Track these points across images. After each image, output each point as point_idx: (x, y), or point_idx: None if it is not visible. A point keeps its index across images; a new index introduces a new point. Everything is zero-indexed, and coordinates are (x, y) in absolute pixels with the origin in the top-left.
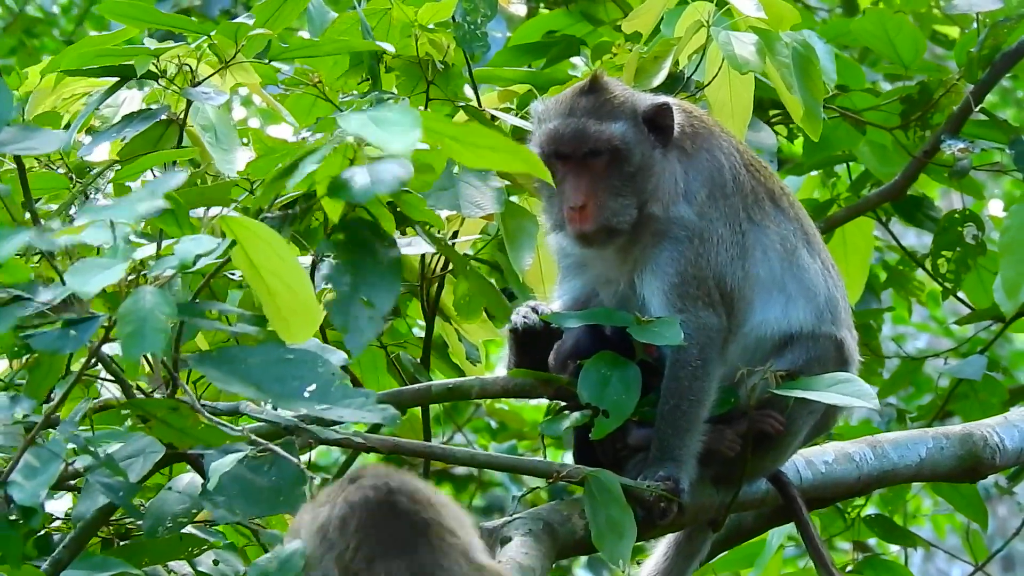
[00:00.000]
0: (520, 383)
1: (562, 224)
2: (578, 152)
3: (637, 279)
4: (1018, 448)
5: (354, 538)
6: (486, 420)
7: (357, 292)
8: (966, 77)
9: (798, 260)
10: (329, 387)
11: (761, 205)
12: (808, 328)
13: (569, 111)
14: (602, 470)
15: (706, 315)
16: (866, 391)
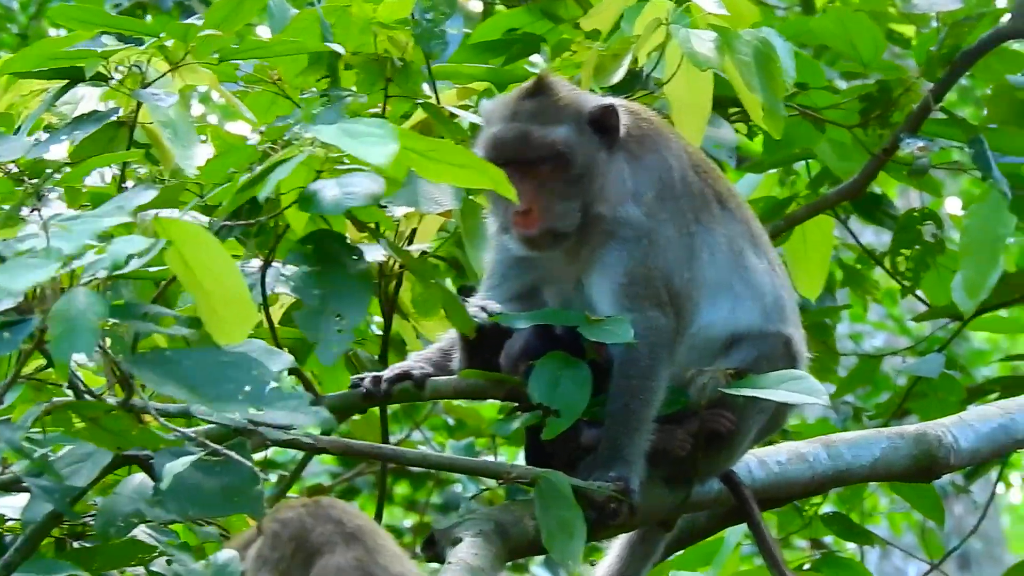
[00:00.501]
0: (472, 384)
1: (508, 227)
2: (522, 157)
3: (585, 279)
4: (973, 448)
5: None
6: (444, 418)
7: (327, 305)
8: (925, 76)
9: (745, 261)
10: (263, 389)
11: (709, 207)
12: (756, 327)
13: (512, 115)
14: (552, 471)
15: (655, 315)
16: (817, 388)
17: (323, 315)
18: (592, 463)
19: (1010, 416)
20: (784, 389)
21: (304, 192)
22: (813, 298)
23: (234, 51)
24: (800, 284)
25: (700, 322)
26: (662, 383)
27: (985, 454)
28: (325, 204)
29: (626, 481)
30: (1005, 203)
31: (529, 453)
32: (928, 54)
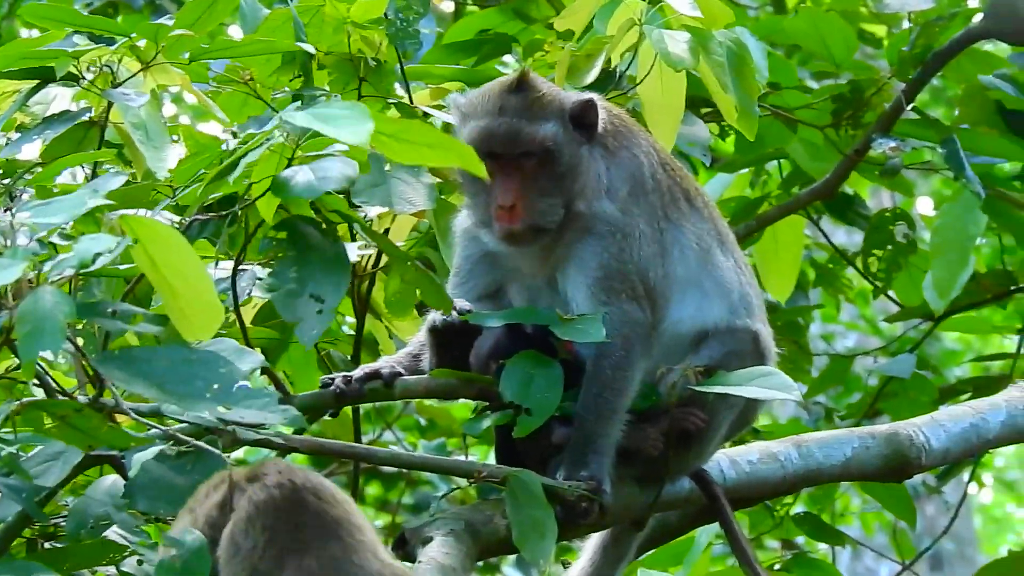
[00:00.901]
0: (443, 383)
1: (488, 221)
2: (510, 152)
3: (559, 275)
4: (944, 448)
5: (262, 537)
6: (415, 418)
7: (305, 287)
8: (897, 76)
9: (713, 259)
10: (231, 387)
11: (677, 204)
12: (723, 323)
13: (499, 110)
14: (523, 470)
15: (631, 308)
16: (788, 383)
17: (301, 297)
18: (564, 457)
19: (981, 416)
20: (755, 385)
21: (277, 178)
22: (783, 299)
23: (205, 51)
24: (771, 284)
25: (669, 319)
26: (636, 375)
27: (957, 454)
28: (298, 188)
29: (598, 480)
30: (977, 203)
31: (500, 452)
32: (900, 54)
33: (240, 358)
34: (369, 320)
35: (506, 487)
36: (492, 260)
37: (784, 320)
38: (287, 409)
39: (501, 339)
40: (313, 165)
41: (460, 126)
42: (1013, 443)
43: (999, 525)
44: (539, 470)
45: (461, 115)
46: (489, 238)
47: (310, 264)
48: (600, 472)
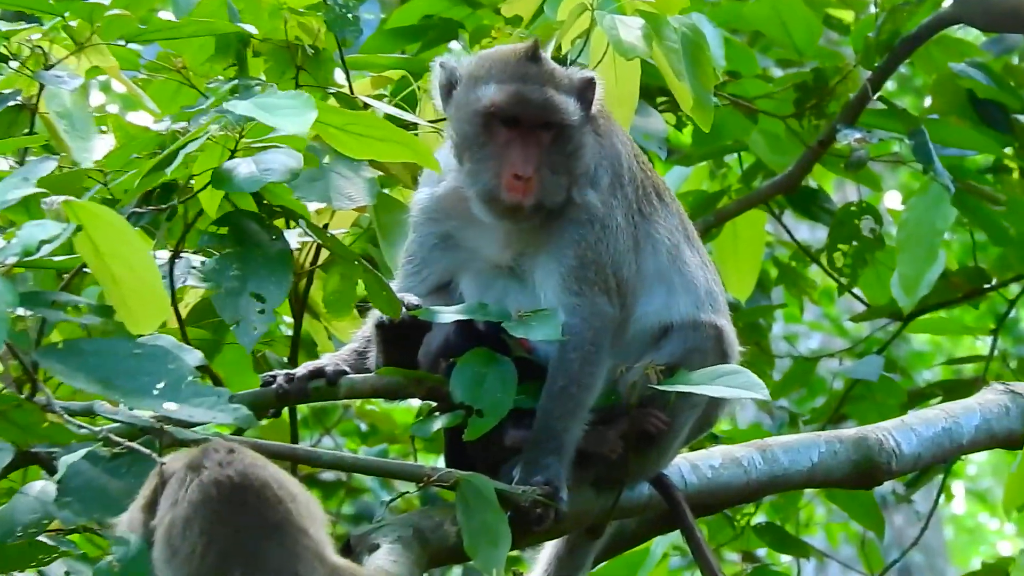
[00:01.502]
0: (390, 382)
1: (495, 190)
2: (535, 121)
3: (529, 260)
4: (915, 453)
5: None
6: (356, 423)
7: (246, 285)
8: (863, 64)
9: (681, 255)
10: (180, 385)
11: (650, 199)
12: (687, 318)
13: (524, 76)
14: (475, 474)
15: (602, 301)
16: (754, 382)
17: (242, 295)
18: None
19: (954, 420)
20: (719, 384)
21: (219, 170)
22: (744, 298)
23: (141, 32)
24: (731, 283)
25: (635, 314)
26: (603, 371)
27: (928, 459)
28: (241, 181)
29: (554, 485)
30: (946, 197)
31: (449, 456)
32: (866, 41)
33: (180, 354)
34: (307, 320)
35: (456, 492)
36: (450, 244)
37: (745, 321)
38: (238, 408)
39: (451, 336)
40: (256, 157)
41: (467, 89)
42: (987, 448)
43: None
44: (490, 475)
45: (469, 78)
46: (484, 208)
47: (252, 261)
48: (556, 476)
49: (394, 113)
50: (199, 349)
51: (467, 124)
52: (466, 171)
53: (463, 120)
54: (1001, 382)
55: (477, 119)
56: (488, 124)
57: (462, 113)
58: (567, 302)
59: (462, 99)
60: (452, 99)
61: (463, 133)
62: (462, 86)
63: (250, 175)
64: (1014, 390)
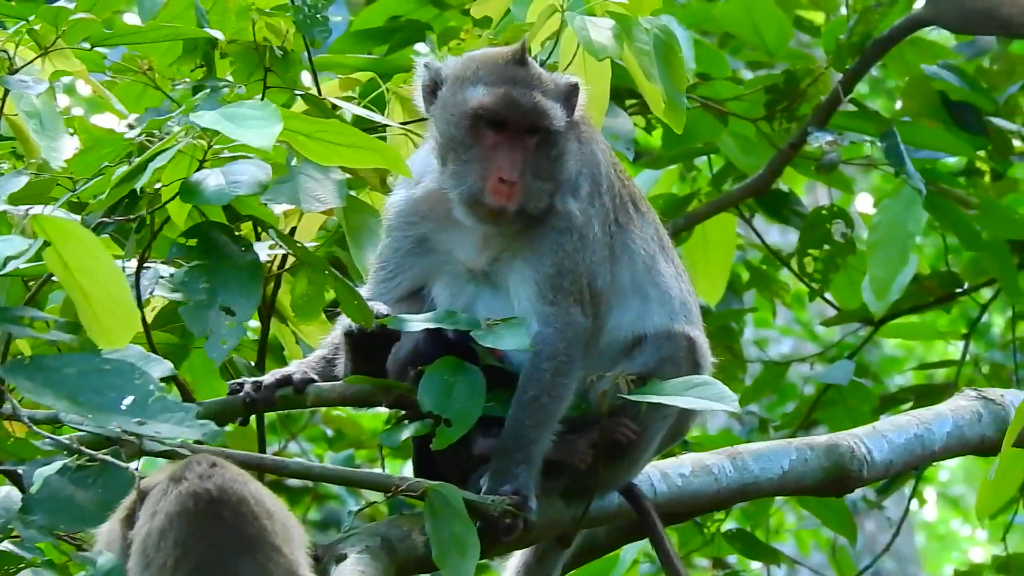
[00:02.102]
0: (359, 390)
1: (479, 193)
2: (523, 124)
3: (504, 265)
4: (887, 460)
5: (173, 555)
6: (322, 428)
7: (215, 298)
8: (834, 66)
9: (657, 265)
10: (147, 400)
11: (626, 208)
12: (661, 328)
13: (513, 79)
14: (444, 483)
15: (575, 312)
16: (725, 394)
17: (212, 309)
18: (488, 468)
19: (926, 426)
20: (691, 395)
21: (187, 183)
22: (714, 302)
23: (106, 36)
24: (701, 287)
25: (608, 325)
26: (574, 382)
27: (900, 466)
28: (209, 194)
29: (523, 494)
30: (918, 199)
31: (417, 465)
32: (837, 42)
33: (148, 365)
34: (274, 324)
35: (425, 501)
36: (425, 248)
37: (716, 325)
38: (205, 424)
39: (421, 344)
40: (225, 168)
41: (454, 90)
42: (959, 455)
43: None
44: (458, 484)
45: (455, 79)
46: (466, 211)
47: (221, 274)
48: (525, 485)
49: (363, 115)
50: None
51: (453, 126)
52: (449, 173)
53: (449, 121)
54: (973, 388)
55: (464, 121)
56: (475, 126)
57: (448, 114)
58: (541, 311)
59: (448, 100)
60: (437, 100)
61: (448, 134)
62: (448, 87)
63: (218, 188)
64: (986, 396)
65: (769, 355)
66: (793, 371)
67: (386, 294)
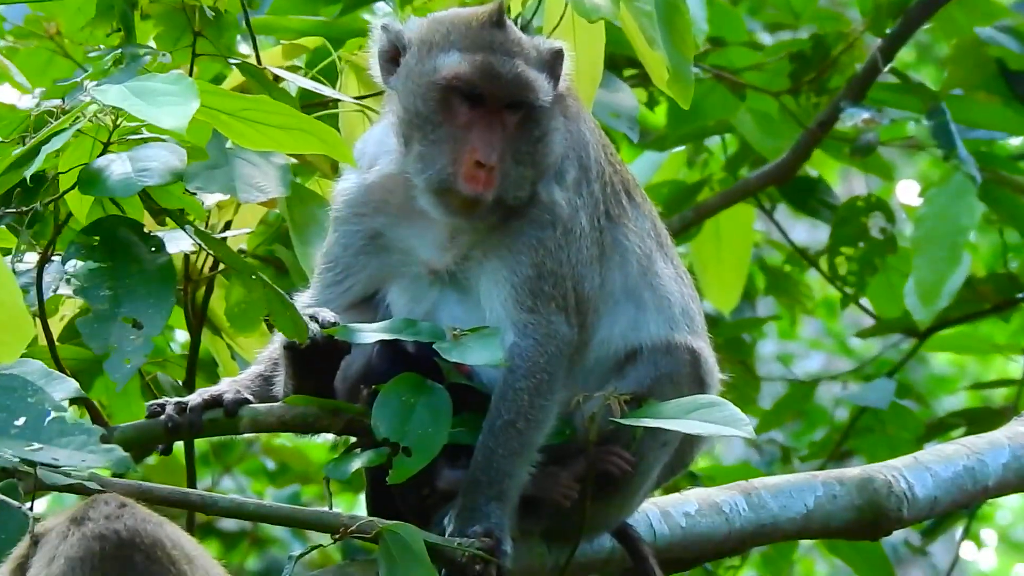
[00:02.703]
0: (301, 413)
1: (449, 180)
2: (503, 98)
3: (475, 266)
4: (931, 497)
5: None
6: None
7: (119, 308)
8: (872, 29)
9: (654, 266)
10: (42, 421)
11: (619, 198)
12: (659, 340)
13: (491, 45)
14: (402, 523)
15: (558, 320)
16: (736, 416)
17: (114, 320)
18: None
19: (978, 457)
20: (695, 418)
21: (87, 170)
22: (728, 309)
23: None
24: (711, 292)
25: (597, 337)
26: (555, 405)
27: (947, 504)
28: (114, 184)
29: (496, 536)
30: (972, 188)
31: (371, 502)
32: (876, 1)
33: (50, 384)
34: (206, 335)
35: (380, 544)
36: (379, 245)
37: (727, 336)
38: (111, 449)
39: (374, 359)
40: (132, 153)
41: (420, 58)
42: (1018, 491)
43: None
44: (419, 524)
45: (422, 44)
46: (433, 200)
47: (127, 279)
48: (498, 526)
49: (310, 87)
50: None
51: (419, 99)
52: (414, 155)
53: (414, 93)
54: None
55: (433, 93)
56: (446, 100)
57: (413, 85)
58: (518, 319)
59: (414, 69)
60: (399, 69)
61: (413, 109)
62: (412, 54)
63: (124, 177)
64: None
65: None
66: (822, 391)
67: (334, 299)
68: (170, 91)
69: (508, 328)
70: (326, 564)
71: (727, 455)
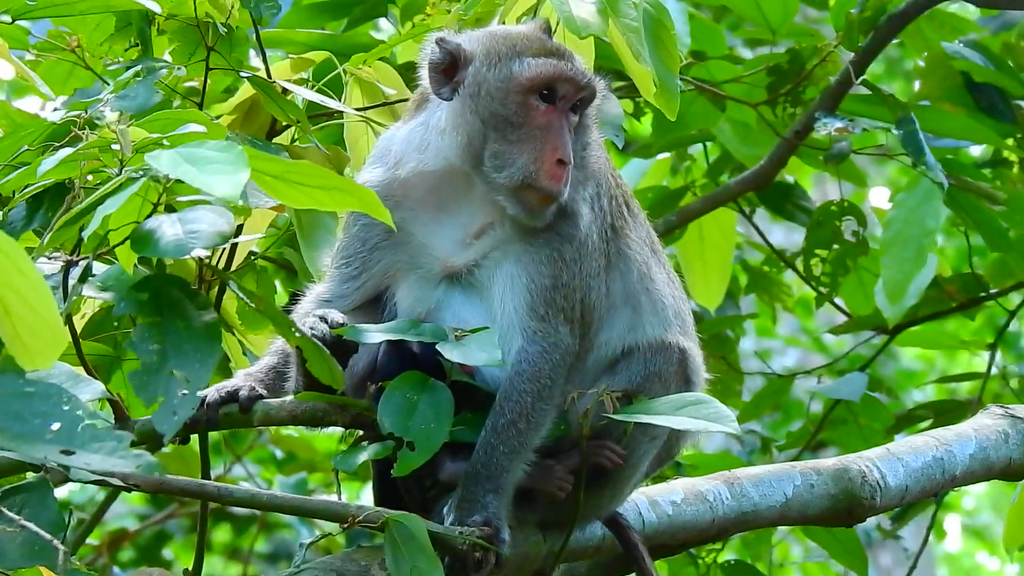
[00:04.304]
0: (311, 408)
1: (531, 178)
2: (572, 98)
3: (491, 267)
4: (902, 486)
5: None
6: (271, 449)
7: (167, 362)
8: (844, 44)
9: (650, 272)
10: (76, 427)
11: (621, 210)
12: (651, 340)
13: (556, 51)
14: (406, 513)
15: (564, 331)
16: (723, 413)
17: (162, 374)
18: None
19: (947, 448)
20: (684, 415)
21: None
22: (712, 307)
23: (29, 8)
24: (696, 291)
25: (596, 342)
26: (554, 410)
27: (917, 493)
28: (165, 246)
29: (494, 526)
30: (938, 193)
31: (378, 492)
32: (848, 17)
33: (77, 386)
34: None
35: (385, 533)
36: (395, 241)
37: (710, 332)
38: (141, 455)
39: (381, 356)
40: (182, 215)
41: (493, 66)
42: (983, 480)
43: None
44: (422, 514)
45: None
46: (512, 196)
47: (174, 335)
48: (497, 516)
49: (316, 100)
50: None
51: (498, 103)
52: (491, 153)
53: (492, 97)
54: (1000, 404)
55: (513, 95)
56: (525, 101)
57: (491, 90)
58: (529, 326)
59: (487, 76)
60: (465, 78)
61: (490, 112)
62: (481, 63)
63: (175, 239)
64: (1014, 414)
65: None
66: (798, 385)
67: (350, 294)
68: (221, 159)
69: (517, 333)
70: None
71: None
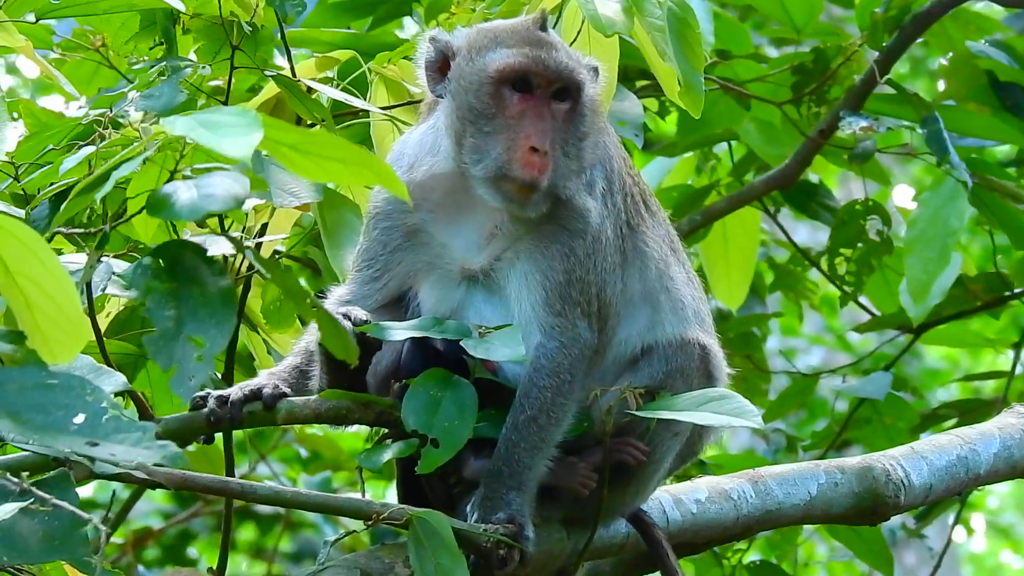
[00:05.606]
0: (335, 406)
1: (505, 167)
2: (550, 84)
3: (507, 266)
4: (927, 484)
5: None
6: (295, 448)
7: (183, 328)
8: (869, 43)
9: (669, 271)
10: (100, 419)
11: (638, 209)
12: (671, 337)
13: (537, 41)
14: (430, 511)
15: (582, 326)
16: (746, 408)
17: (178, 339)
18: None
19: (971, 447)
20: (707, 410)
21: (155, 195)
22: (735, 307)
23: (53, 7)
24: (720, 290)
25: (616, 338)
26: (574, 403)
27: (941, 492)
28: (180, 209)
29: (518, 523)
30: (963, 192)
31: (402, 490)
32: (873, 16)
33: (99, 378)
34: (243, 331)
35: (409, 530)
36: (416, 242)
37: (736, 331)
38: (166, 445)
39: (405, 354)
40: (198, 181)
41: (471, 59)
42: (1008, 479)
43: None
44: (446, 511)
45: (470, 49)
46: (490, 188)
47: (190, 301)
48: (521, 513)
49: (342, 98)
50: (121, 364)
51: (472, 95)
52: (468, 147)
53: (467, 91)
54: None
55: (485, 87)
56: (498, 92)
57: (466, 83)
58: (546, 322)
59: (465, 69)
60: (449, 74)
61: (466, 106)
62: (463, 57)
63: (191, 202)
64: None
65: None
66: (823, 384)
67: (372, 295)
68: (235, 122)
69: (535, 329)
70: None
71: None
